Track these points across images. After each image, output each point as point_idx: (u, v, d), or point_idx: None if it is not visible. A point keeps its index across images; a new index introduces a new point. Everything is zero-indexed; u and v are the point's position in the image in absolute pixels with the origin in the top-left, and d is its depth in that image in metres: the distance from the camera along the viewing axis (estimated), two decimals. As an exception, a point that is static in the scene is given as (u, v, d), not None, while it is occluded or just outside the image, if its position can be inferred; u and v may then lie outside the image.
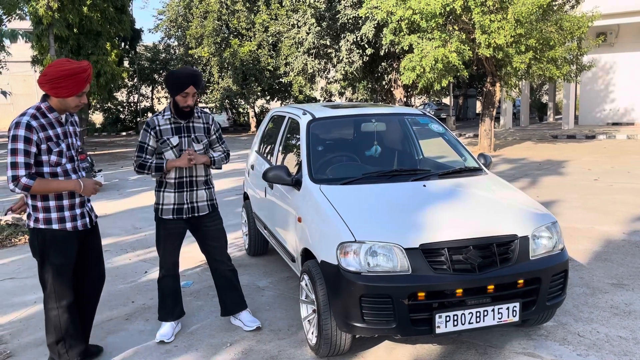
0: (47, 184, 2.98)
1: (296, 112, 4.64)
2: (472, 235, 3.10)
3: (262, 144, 5.63)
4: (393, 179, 3.79)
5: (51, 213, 3.06)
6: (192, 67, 3.69)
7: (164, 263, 3.85)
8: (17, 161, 2.89)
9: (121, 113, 36.50)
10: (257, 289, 4.78)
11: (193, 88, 3.57)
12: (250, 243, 5.67)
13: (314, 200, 3.60)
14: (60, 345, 3.19)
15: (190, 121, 3.71)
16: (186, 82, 3.54)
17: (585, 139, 19.43)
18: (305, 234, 3.59)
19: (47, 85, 2.99)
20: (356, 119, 4.55)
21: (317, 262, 3.33)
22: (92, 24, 19.63)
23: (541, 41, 14.29)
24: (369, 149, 4.41)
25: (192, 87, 3.56)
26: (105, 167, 14.84)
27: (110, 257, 5.95)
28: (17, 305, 4.54)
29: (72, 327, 3.19)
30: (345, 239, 3.09)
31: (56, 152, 3.00)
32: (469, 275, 3.03)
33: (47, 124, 2.99)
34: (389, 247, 3.03)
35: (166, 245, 3.81)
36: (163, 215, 3.75)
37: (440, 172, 3.91)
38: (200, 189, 3.76)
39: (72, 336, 3.20)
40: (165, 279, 3.87)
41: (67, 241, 3.13)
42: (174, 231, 3.79)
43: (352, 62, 19.18)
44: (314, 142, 4.11)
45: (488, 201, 3.58)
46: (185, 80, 3.55)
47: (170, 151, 3.66)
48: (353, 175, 3.84)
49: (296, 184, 3.87)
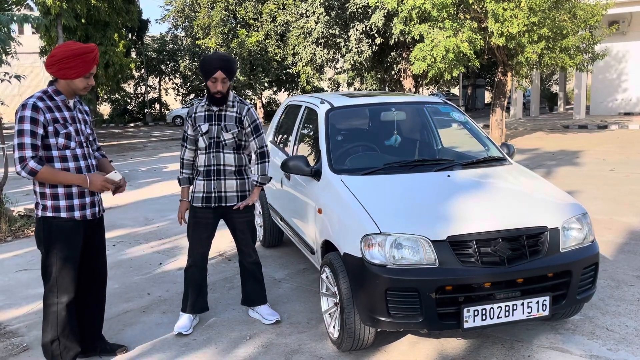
0: (54, 174, 2.89)
1: (313, 101, 4.54)
2: (500, 227, 3.00)
3: (276, 134, 5.54)
4: (415, 169, 3.69)
5: (59, 200, 2.96)
6: (224, 53, 3.61)
7: (192, 253, 3.77)
8: (23, 142, 2.80)
9: (129, 104, 36.51)
10: (274, 281, 4.71)
11: (222, 73, 3.47)
12: (265, 234, 5.60)
13: (334, 191, 3.51)
14: (54, 345, 3.05)
15: (223, 109, 3.62)
16: (214, 66, 3.47)
17: (597, 129, 19.20)
18: (326, 225, 3.50)
19: (55, 66, 2.92)
20: (376, 107, 4.44)
21: (339, 254, 3.25)
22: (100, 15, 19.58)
23: (554, 30, 14.07)
24: (388, 139, 4.30)
25: (221, 72, 3.46)
26: (115, 158, 14.82)
27: (123, 248, 5.90)
28: (32, 297, 4.49)
29: (68, 327, 3.06)
30: (370, 231, 3.00)
31: (63, 134, 2.92)
32: (498, 268, 2.94)
33: (54, 107, 2.93)
34: (416, 239, 2.94)
35: (194, 234, 3.75)
36: (194, 203, 3.71)
37: (464, 162, 3.80)
38: (229, 178, 3.65)
39: (68, 337, 3.07)
40: (192, 269, 3.79)
41: (75, 231, 3.02)
42: (203, 220, 3.71)
43: (362, 51, 18.99)
44: (333, 132, 4.02)
45: (516, 192, 3.48)
46: (214, 65, 3.47)
47: (201, 138, 3.62)
48: (374, 165, 3.75)
49: (315, 174, 3.78)
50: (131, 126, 33.62)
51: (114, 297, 4.41)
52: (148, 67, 33.62)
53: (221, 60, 3.51)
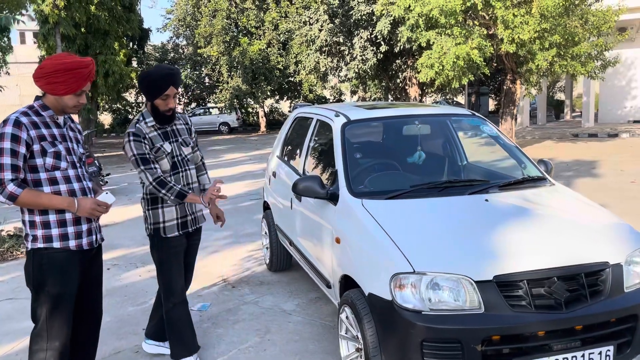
0: (36, 196, 2.50)
1: (326, 113, 4.10)
2: (555, 264, 2.55)
3: (284, 149, 5.09)
4: (445, 192, 3.24)
5: (51, 229, 2.57)
6: (168, 65, 3.22)
7: (175, 288, 3.29)
8: (2, 162, 2.43)
9: (130, 114, 36.16)
10: (282, 313, 4.25)
11: (173, 89, 3.10)
12: (272, 258, 5.14)
13: (355, 218, 3.06)
14: None
15: (174, 124, 3.27)
16: (164, 83, 3.06)
17: (608, 138, 18.74)
18: (346, 258, 3.05)
19: (43, 79, 2.55)
20: (397, 121, 3.98)
21: (362, 293, 2.80)
22: (100, 23, 19.20)
23: (566, 37, 13.66)
24: (411, 155, 3.86)
25: (172, 88, 3.09)
26: (114, 169, 14.38)
27: (118, 272, 5.44)
28: (16, 332, 4.03)
29: None
30: (401, 269, 2.54)
31: (52, 152, 2.54)
32: (554, 313, 2.48)
33: (41, 122, 2.56)
34: (456, 279, 2.48)
35: (173, 266, 3.27)
36: (168, 234, 3.23)
37: (501, 183, 3.34)
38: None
39: None
40: (178, 308, 3.31)
41: (69, 263, 2.62)
42: (180, 248, 3.29)
43: (366, 59, 18.59)
44: (350, 149, 3.57)
45: (567, 220, 3.02)
46: (163, 81, 3.06)
47: (165, 159, 3.18)
48: (399, 187, 3.29)
49: (332, 197, 3.33)
50: (132, 136, 33.18)
51: (106, 332, 3.92)
52: (149, 76, 33.27)
53: (170, 75, 3.09)
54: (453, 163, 4.08)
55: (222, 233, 6.60)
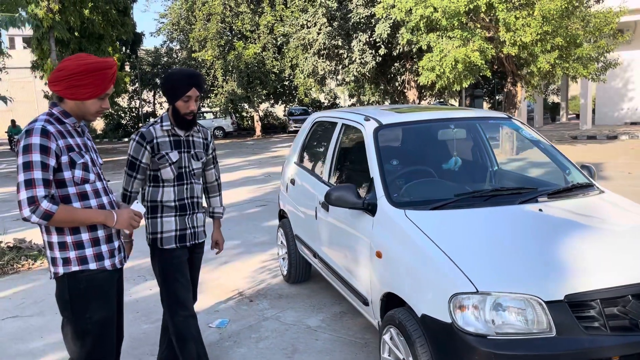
0: (72, 213, 2.25)
1: (353, 117, 3.87)
2: (629, 281, 2.34)
3: (303, 156, 4.86)
4: (492, 201, 3.02)
5: (85, 249, 2.32)
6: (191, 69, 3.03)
7: (183, 300, 3.03)
8: (32, 177, 2.16)
9: (122, 119, 35.79)
10: (308, 330, 4.00)
11: (195, 90, 2.90)
12: (290, 269, 4.89)
13: (400, 231, 2.83)
14: None
15: (190, 134, 3.07)
16: (187, 84, 2.88)
17: (607, 140, 18.68)
18: (390, 274, 2.82)
19: (64, 82, 2.28)
20: (432, 125, 3.76)
21: (411, 313, 2.57)
22: (94, 27, 18.90)
23: (568, 39, 13.55)
24: (446, 162, 3.64)
25: (195, 90, 2.90)
26: (111, 176, 14.06)
27: (127, 286, 5.13)
28: (25, 355, 3.76)
29: None
30: (462, 289, 2.32)
31: (81, 164, 2.30)
32: (631, 335, 2.26)
33: (66, 132, 2.31)
34: (525, 299, 2.26)
35: (178, 276, 3.03)
36: (165, 245, 3.01)
37: (551, 191, 3.12)
38: (200, 211, 3.16)
39: None
40: (188, 322, 3.04)
41: (109, 285, 2.41)
42: (182, 259, 3.07)
43: (365, 63, 18.41)
44: (385, 155, 3.34)
45: (632, 231, 2.80)
46: (186, 82, 2.88)
47: (168, 168, 2.97)
48: (442, 196, 3.07)
49: (368, 207, 3.10)
50: (125, 141, 32.83)
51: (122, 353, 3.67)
52: (142, 81, 32.98)
53: (194, 76, 2.93)
54: (488, 169, 3.87)
55: (232, 242, 6.35)
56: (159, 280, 3.09)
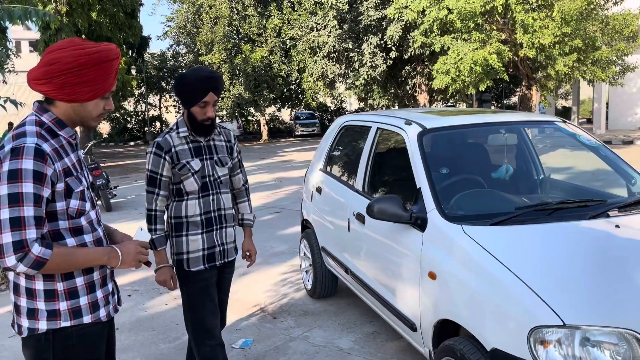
0: (70, 257, 1.74)
1: (391, 121, 3.55)
2: None
3: (329, 162, 4.54)
4: (557, 216, 2.69)
5: (79, 297, 1.81)
6: (208, 68, 2.65)
7: (210, 329, 2.72)
8: (22, 215, 1.63)
9: (128, 122, 35.63)
10: (340, 352, 3.67)
11: (213, 95, 2.58)
12: (315, 283, 4.57)
13: (459, 250, 2.50)
14: None
15: (211, 139, 2.75)
16: (203, 88, 2.55)
17: (623, 145, 18.29)
18: (447, 299, 2.49)
19: (57, 80, 1.72)
20: (481, 129, 3.43)
21: (476, 345, 2.24)
22: (102, 30, 18.68)
23: (586, 41, 13.22)
24: (496, 170, 3.31)
25: (212, 94, 2.58)
26: (118, 181, 13.79)
27: (142, 300, 4.86)
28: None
29: None
30: (545, 321, 1.99)
31: (78, 193, 1.80)
32: None
33: (60, 147, 1.78)
34: (620, 334, 1.93)
35: (205, 302, 2.72)
36: (192, 267, 2.70)
37: (622, 204, 2.79)
38: (229, 225, 2.81)
39: None
40: (215, 351, 2.73)
41: (100, 340, 1.92)
42: (210, 282, 2.76)
43: (376, 66, 18.12)
44: (433, 163, 3.02)
45: None
46: (202, 86, 2.55)
47: (191, 178, 2.66)
48: (501, 209, 2.74)
49: (417, 222, 2.78)
50: (131, 145, 32.66)
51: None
52: (148, 85, 32.80)
53: (211, 78, 2.58)
54: (538, 178, 3.54)
55: (249, 252, 6.03)
56: (184, 305, 2.77)
